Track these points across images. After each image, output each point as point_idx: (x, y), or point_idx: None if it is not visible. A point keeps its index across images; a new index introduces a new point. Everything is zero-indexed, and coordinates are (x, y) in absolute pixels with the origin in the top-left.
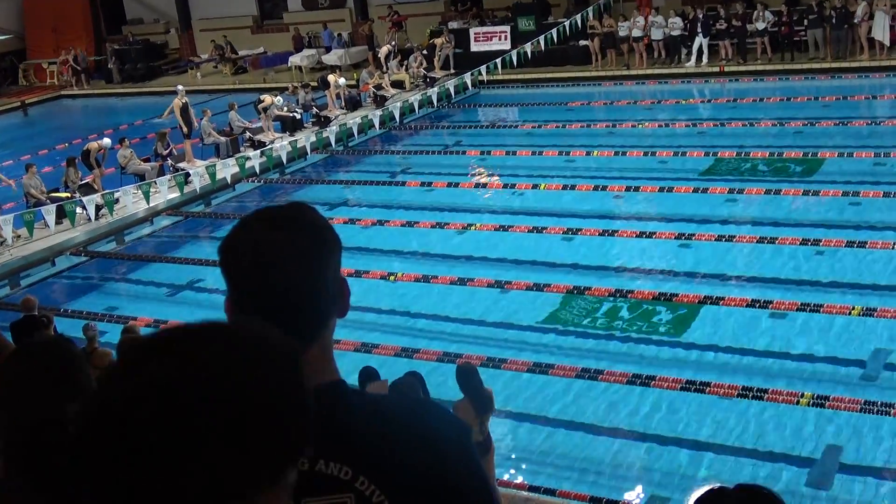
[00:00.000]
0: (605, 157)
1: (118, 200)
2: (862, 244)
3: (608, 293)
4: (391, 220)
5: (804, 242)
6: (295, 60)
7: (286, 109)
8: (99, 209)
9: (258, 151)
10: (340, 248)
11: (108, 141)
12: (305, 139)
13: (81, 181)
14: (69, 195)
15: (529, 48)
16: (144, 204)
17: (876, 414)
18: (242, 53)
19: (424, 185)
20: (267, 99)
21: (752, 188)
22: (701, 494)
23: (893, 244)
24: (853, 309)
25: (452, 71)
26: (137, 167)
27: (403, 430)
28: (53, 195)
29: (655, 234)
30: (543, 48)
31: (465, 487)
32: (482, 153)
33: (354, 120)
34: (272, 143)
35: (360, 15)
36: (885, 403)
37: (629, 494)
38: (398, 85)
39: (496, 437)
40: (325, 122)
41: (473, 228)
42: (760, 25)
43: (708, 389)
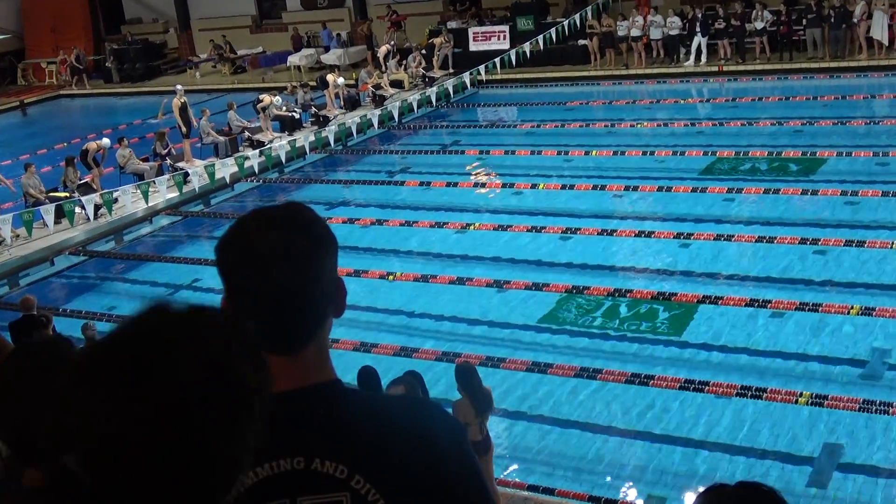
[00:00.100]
0: (603, 156)
1: (117, 200)
2: (860, 243)
3: (607, 292)
4: (390, 219)
5: (803, 242)
6: (294, 60)
7: (285, 109)
8: (98, 209)
9: (257, 151)
10: (337, 247)
11: (106, 141)
12: (304, 139)
13: (80, 181)
14: (68, 195)
15: (528, 48)
16: (143, 203)
17: (874, 413)
18: (241, 53)
19: (423, 184)
20: (266, 98)
21: (750, 187)
22: (702, 491)
23: (892, 243)
24: (852, 308)
25: (451, 70)
26: (136, 167)
27: (400, 429)
28: (52, 195)
29: (654, 233)
30: (542, 48)
31: (461, 487)
32: (481, 153)
33: (353, 119)
34: (271, 142)
35: (358, 14)
36: (883, 402)
37: (627, 493)
38: (397, 84)
39: (495, 436)
40: (323, 121)
41: (472, 228)
42: (759, 25)
43: (706, 389)
